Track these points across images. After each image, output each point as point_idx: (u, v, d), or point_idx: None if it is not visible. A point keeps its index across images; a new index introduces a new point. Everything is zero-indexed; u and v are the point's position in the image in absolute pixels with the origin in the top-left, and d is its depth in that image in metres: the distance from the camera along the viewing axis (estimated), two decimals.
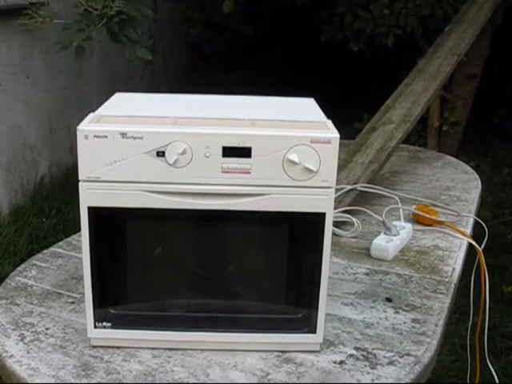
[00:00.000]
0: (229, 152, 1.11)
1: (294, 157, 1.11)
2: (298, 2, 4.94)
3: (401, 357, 1.22)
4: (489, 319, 1.79)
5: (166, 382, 1.13)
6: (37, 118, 4.48)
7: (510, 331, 3.04)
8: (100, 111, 1.22)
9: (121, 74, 5.55)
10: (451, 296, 1.48)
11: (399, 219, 1.83)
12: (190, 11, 5.50)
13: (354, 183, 1.99)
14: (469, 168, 2.49)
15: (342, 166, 2.07)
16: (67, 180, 4.50)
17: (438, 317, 1.38)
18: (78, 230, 1.18)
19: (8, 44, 4.07)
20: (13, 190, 4.26)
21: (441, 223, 1.86)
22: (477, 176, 2.37)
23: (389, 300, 1.45)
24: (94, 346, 1.22)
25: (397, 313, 1.39)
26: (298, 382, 1.15)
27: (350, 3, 4.55)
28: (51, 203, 4.23)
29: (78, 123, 1.13)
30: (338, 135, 1.12)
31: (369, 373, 1.17)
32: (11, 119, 4.19)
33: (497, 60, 5.06)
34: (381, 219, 1.76)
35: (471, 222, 1.91)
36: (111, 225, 1.16)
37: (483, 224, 1.91)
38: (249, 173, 1.12)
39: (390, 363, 1.20)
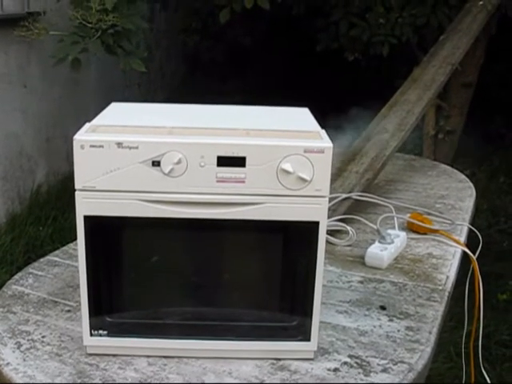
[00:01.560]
0: (223, 161, 1.12)
1: (287, 166, 1.12)
2: (294, 11, 4.96)
3: (394, 364, 1.23)
4: (484, 327, 1.79)
5: None
6: (33, 126, 4.50)
7: (504, 339, 3.05)
8: (96, 121, 1.23)
9: (117, 82, 5.57)
10: (445, 304, 1.49)
11: (394, 228, 1.84)
12: (187, 20, 5.51)
13: (349, 192, 2.00)
14: (463, 176, 2.50)
15: (337, 174, 2.08)
16: (64, 189, 4.51)
17: (431, 324, 1.39)
18: (75, 238, 1.18)
19: (5, 53, 4.08)
20: (9, 198, 4.26)
21: (435, 231, 1.87)
22: (471, 184, 2.39)
23: (383, 308, 1.46)
24: (90, 354, 1.23)
25: (391, 321, 1.40)
26: None
27: (345, 12, 4.57)
28: (48, 212, 4.24)
29: (75, 132, 1.15)
30: (331, 145, 1.13)
31: (363, 380, 1.18)
32: (8, 128, 4.20)
33: (492, 68, 5.09)
34: (375, 228, 1.78)
35: (465, 230, 1.92)
36: (107, 233, 1.17)
37: (477, 232, 1.92)
38: (243, 182, 1.13)
39: (384, 371, 1.21)
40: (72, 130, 1.26)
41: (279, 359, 1.23)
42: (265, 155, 1.12)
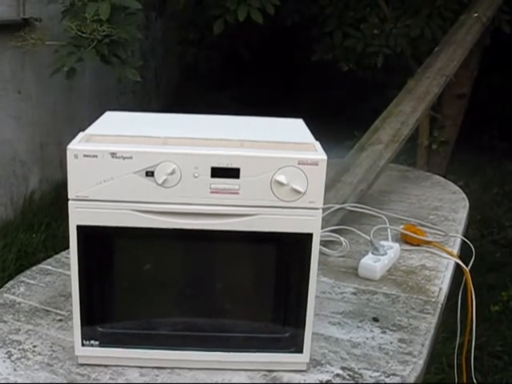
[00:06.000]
0: (217, 172, 1.12)
1: (281, 178, 1.12)
2: (288, 22, 4.98)
3: (387, 376, 1.23)
4: (476, 338, 1.80)
5: None
6: (27, 133, 4.49)
7: (497, 350, 3.05)
8: (90, 130, 1.23)
9: (112, 89, 5.56)
10: (438, 316, 1.49)
11: (387, 239, 1.84)
12: (183, 31, 5.51)
13: (343, 203, 2.00)
14: (457, 188, 2.51)
15: (331, 185, 2.08)
16: (57, 195, 4.50)
17: (424, 337, 1.39)
18: (67, 246, 1.18)
19: (0, 59, 4.08)
20: (2, 204, 4.25)
21: (428, 243, 1.87)
22: (464, 196, 2.39)
23: (376, 320, 1.45)
24: (82, 364, 1.22)
25: (383, 332, 1.40)
26: None
27: (339, 22, 4.60)
28: (41, 219, 4.23)
29: (69, 138, 1.14)
30: (325, 157, 1.13)
31: None
32: (2, 134, 4.19)
33: (486, 80, 5.11)
34: (369, 239, 1.78)
35: (458, 241, 1.93)
36: (100, 243, 1.17)
37: (470, 244, 1.92)
38: (237, 193, 1.13)
39: (376, 383, 1.21)
40: (66, 136, 1.26)
41: (272, 371, 1.23)
42: (259, 167, 1.12)
